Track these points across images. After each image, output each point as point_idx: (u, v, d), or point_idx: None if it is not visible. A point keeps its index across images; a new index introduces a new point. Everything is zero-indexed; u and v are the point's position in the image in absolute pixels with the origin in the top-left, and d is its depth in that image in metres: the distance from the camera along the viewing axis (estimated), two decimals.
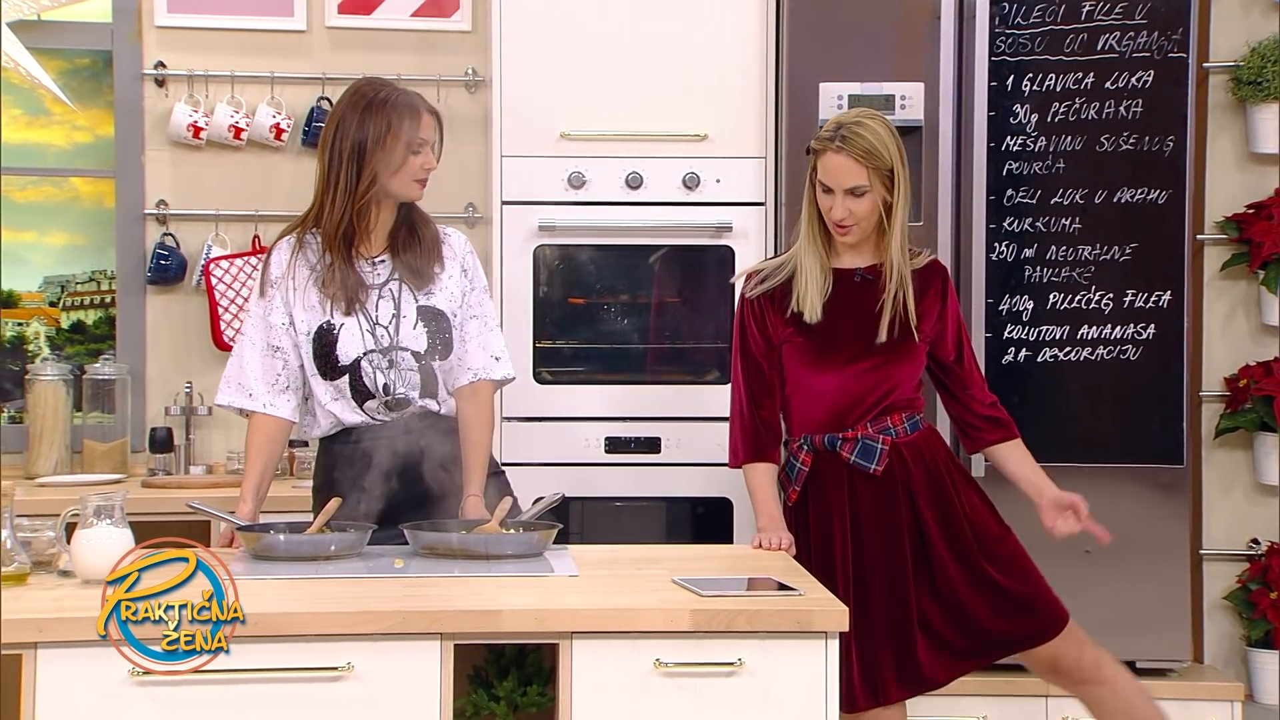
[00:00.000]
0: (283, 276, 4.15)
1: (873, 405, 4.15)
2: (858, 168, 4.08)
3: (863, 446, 4.14)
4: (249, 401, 4.15)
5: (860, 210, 4.11)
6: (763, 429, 4.24)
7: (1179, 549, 5.14)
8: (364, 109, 4.10)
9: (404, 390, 4.13)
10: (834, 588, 4.03)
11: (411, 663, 3.30)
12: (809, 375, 4.18)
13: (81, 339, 5.78)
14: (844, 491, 4.15)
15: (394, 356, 4.13)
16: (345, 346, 4.11)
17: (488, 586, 3.56)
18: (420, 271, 4.15)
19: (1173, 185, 5.11)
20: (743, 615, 3.35)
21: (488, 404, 4.22)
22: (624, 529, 5.07)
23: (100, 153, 5.72)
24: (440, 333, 4.16)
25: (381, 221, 4.15)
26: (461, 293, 4.21)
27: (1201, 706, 5.07)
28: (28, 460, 5.47)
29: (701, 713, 3.34)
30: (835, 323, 4.15)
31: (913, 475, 4.15)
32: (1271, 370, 5.35)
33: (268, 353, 4.16)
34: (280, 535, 3.88)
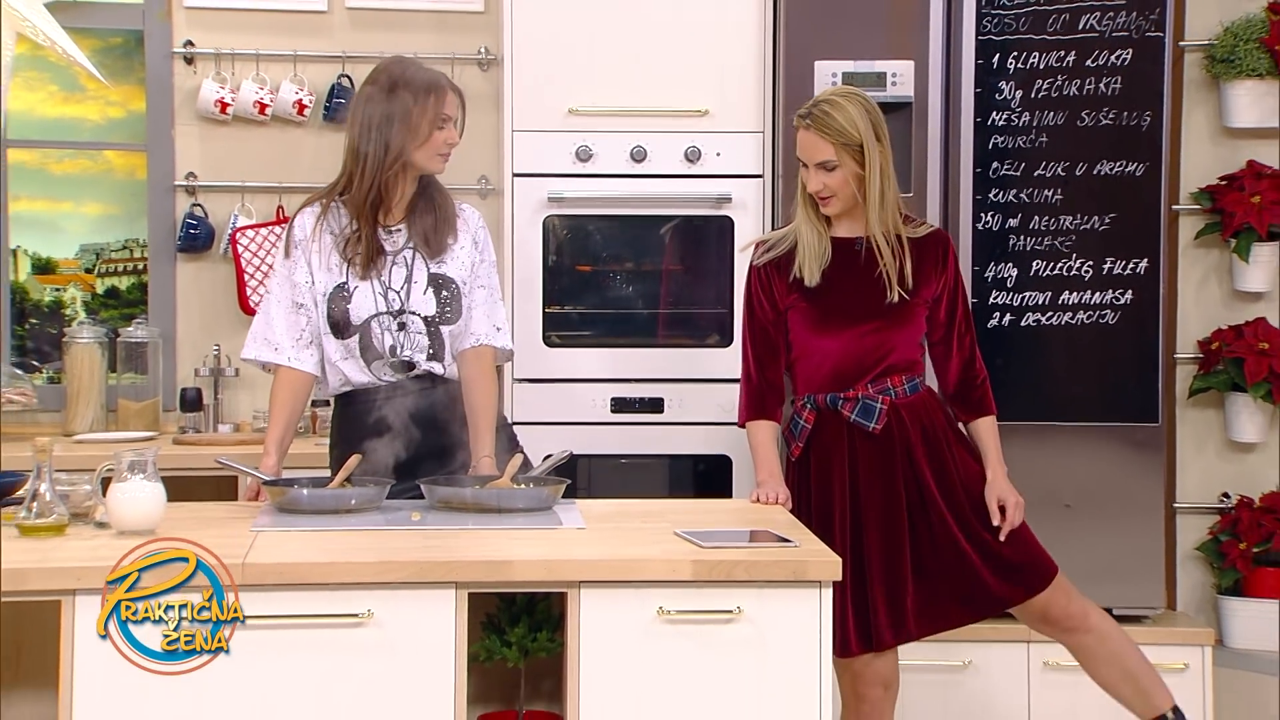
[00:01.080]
0: (307, 239, 4.15)
1: (872, 366, 4.15)
2: (825, 143, 4.12)
3: (863, 406, 4.14)
4: (275, 355, 4.16)
5: (833, 183, 4.13)
6: (767, 390, 4.26)
7: (1154, 502, 5.15)
8: (390, 86, 4.11)
9: (410, 353, 4.13)
10: (832, 539, 4.04)
11: (428, 610, 3.30)
12: (813, 339, 4.18)
13: (115, 304, 5.78)
14: (844, 448, 4.16)
15: (404, 319, 4.13)
16: (357, 307, 4.11)
17: (500, 538, 3.56)
18: (434, 241, 4.15)
19: (1150, 158, 5.10)
20: (741, 565, 3.36)
21: (490, 368, 4.22)
22: (629, 484, 5.08)
23: (132, 127, 5.71)
24: (449, 299, 4.16)
25: (404, 193, 4.15)
26: (472, 263, 4.21)
27: (1174, 651, 5.07)
28: (65, 418, 5.48)
29: (702, 657, 3.35)
30: (837, 289, 4.16)
31: (910, 435, 4.16)
32: (1242, 334, 5.35)
33: (292, 309, 4.16)
34: (304, 490, 3.88)
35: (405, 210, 4.16)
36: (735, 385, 5.11)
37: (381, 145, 4.08)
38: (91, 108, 5.77)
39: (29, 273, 5.79)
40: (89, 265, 5.82)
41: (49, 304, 5.81)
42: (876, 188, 4.12)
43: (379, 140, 4.08)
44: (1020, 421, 4.32)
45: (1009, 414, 4.45)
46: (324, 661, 3.29)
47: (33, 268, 5.80)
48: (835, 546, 3.95)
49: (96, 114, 5.78)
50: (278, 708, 3.28)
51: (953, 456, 4.20)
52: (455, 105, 4.15)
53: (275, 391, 4.18)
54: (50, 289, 5.82)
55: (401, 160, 4.08)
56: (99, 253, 5.82)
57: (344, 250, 4.11)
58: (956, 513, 4.16)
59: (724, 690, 3.35)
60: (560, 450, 4.18)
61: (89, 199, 5.81)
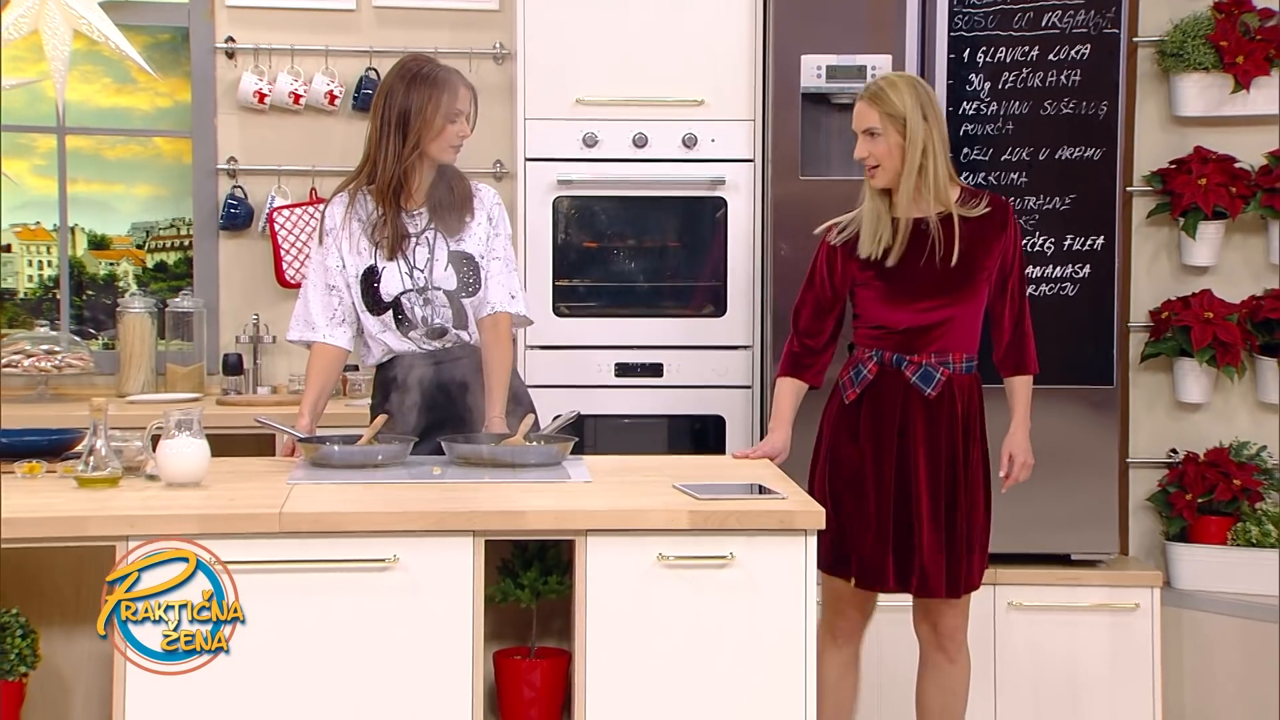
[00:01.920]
0: (337, 228, 4.17)
1: (937, 338, 4.12)
2: (872, 112, 4.09)
3: (924, 371, 4.12)
4: (312, 334, 4.18)
5: (877, 151, 4.10)
6: (805, 353, 4.25)
7: (1109, 458, 5.14)
8: (410, 81, 4.10)
9: (440, 321, 4.13)
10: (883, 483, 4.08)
11: (448, 556, 3.31)
12: (883, 311, 4.14)
13: (164, 277, 5.78)
14: (899, 404, 4.12)
15: (429, 295, 4.14)
16: (387, 286, 4.12)
17: (514, 491, 3.57)
18: (452, 222, 4.16)
19: (1106, 144, 5.08)
20: (734, 515, 3.36)
21: (506, 334, 4.22)
22: (631, 442, 5.07)
23: (179, 116, 5.70)
24: (468, 274, 4.16)
25: (422, 180, 4.15)
26: (487, 238, 4.21)
27: (1127, 592, 5.08)
28: (118, 381, 5.48)
29: (698, 599, 3.35)
30: (905, 267, 4.11)
31: (958, 408, 4.13)
32: (1189, 304, 5.34)
33: (326, 291, 4.17)
34: (335, 446, 3.89)
35: (425, 195, 4.16)
36: (729, 352, 5.18)
37: (400, 137, 4.08)
38: (142, 98, 5.76)
39: (86, 248, 5.79)
40: (140, 242, 5.81)
41: (104, 277, 5.80)
42: (915, 160, 4.06)
43: (399, 132, 4.08)
44: (988, 385, 4.30)
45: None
46: (354, 602, 3.29)
47: (89, 244, 5.80)
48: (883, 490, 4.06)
49: (146, 104, 5.77)
50: (313, 644, 3.28)
51: (970, 440, 4.16)
52: (467, 100, 4.15)
53: (311, 363, 4.20)
54: (105, 263, 5.82)
55: (419, 151, 4.08)
56: (149, 230, 5.82)
57: (371, 235, 4.12)
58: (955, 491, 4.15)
59: (717, 628, 3.36)
60: (568, 411, 4.18)
61: (140, 181, 5.80)
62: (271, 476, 3.73)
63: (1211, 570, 5.21)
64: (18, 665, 3.28)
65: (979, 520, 4.18)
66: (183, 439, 3.57)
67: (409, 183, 4.13)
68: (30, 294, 5.77)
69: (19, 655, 3.29)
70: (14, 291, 5.76)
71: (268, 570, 3.27)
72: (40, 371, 5.36)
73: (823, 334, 4.24)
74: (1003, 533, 5.00)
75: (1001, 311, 4.21)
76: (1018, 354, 4.23)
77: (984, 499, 4.19)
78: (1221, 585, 5.19)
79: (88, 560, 3.41)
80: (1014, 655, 5.04)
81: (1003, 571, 5.04)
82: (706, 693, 3.35)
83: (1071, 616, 5.07)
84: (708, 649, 3.35)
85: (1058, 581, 5.07)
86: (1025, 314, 4.25)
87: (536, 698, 3.45)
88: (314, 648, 3.29)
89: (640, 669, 3.34)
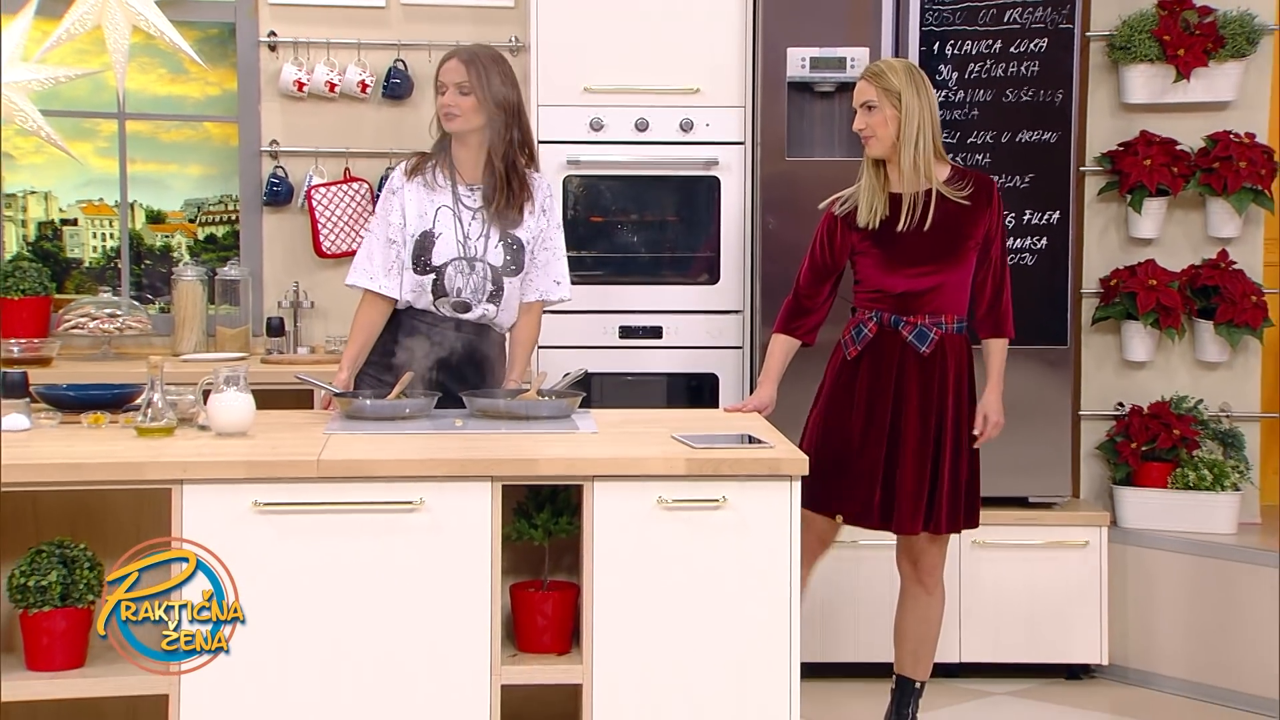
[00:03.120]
0: (402, 188, 4.09)
1: (929, 301, 4.10)
2: (870, 87, 4.08)
3: (919, 331, 4.10)
4: (369, 283, 4.09)
5: (874, 122, 4.08)
6: (801, 312, 4.23)
7: (1062, 410, 5.14)
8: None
9: (469, 295, 4.07)
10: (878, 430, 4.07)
11: (469, 499, 3.29)
12: (881, 277, 4.12)
13: (213, 248, 5.75)
14: (895, 361, 4.10)
15: (475, 265, 4.07)
16: (440, 250, 4.05)
17: (528, 441, 3.55)
18: (505, 220, 4.07)
19: (1061, 128, 5.08)
20: (726, 463, 3.35)
21: (538, 317, 4.21)
22: (633, 398, 5.06)
23: (226, 103, 5.67)
24: (515, 255, 4.09)
25: (464, 155, 4.09)
26: (540, 229, 4.13)
27: (1077, 530, 5.10)
28: (173, 341, 5.46)
29: (693, 538, 3.34)
30: (899, 236, 4.09)
31: (949, 365, 4.11)
32: (1135, 272, 5.32)
33: (387, 245, 4.09)
34: (367, 400, 3.87)
35: (482, 174, 4.08)
36: (723, 316, 5.16)
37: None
38: (193, 87, 5.73)
39: (144, 222, 5.77)
40: (192, 216, 5.79)
41: (160, 248, 5.78)
42: (911, 133, 4.04)
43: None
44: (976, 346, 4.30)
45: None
46: (384, 541, 3.28)
47: (146, 218, 5.78)
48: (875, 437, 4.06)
49: (197, 92, 5.74)
50: (349, 577, 3.27)
51: (960, 395, 4.14)
52: (452, 72, 4.03)
53: (359, 311, 4.12)
54: (161, 236, 5.80)
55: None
56: (200, 206, 5.79)
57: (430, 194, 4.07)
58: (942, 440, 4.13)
59: (711, 564, 3.34)
60: (577, 369, 4.16)
61: (192, 162, 5.77)
62: (310, 427, 3.71)
63: (1153, 511, 5.21)
64: (86, 594, 3.28)
65: (964, 468, 4.16)
66: (230, 393, 3.55)
67: (454, 157, 4.08)
68: (94, 263, 5.75)
69: (87, 585, 3.28)
70: (80, 261, 5.75)
71: (306, 512, 3.26)
72: (104, 333, 5.35)
73: (818, 296, 4.22)
74: None
75: (984, 279, 4.19)
76: (996, 318, 4.21)
77: (969, 449, 4.17)
78: (1162, 524, 5.18)
79: (146, 501, 3.39)
80: (978, 588, 5.05)
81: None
82: (701, 621, 3.34)
83: (1028, 553, 5.07)
84: (702, 583, 3.34)
85: (1016, 522, 5.07)
86: (1005, 282, 4.22)
87: (549, 625, 3.45)
88: (348, 582, 3.27)
89: (641, 600, 3.33)
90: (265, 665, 3.24)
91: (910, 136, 4.05)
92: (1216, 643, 5.01)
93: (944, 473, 4.10)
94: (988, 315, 4.20)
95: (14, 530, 3.47)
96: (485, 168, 4.08)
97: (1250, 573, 4.95)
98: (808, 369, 4.37)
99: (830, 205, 4.22)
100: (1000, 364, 4.22)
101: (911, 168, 4.07)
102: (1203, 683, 5.03)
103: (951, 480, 4.12)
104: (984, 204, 4.14)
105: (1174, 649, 5.10)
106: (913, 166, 4.07)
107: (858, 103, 4.12)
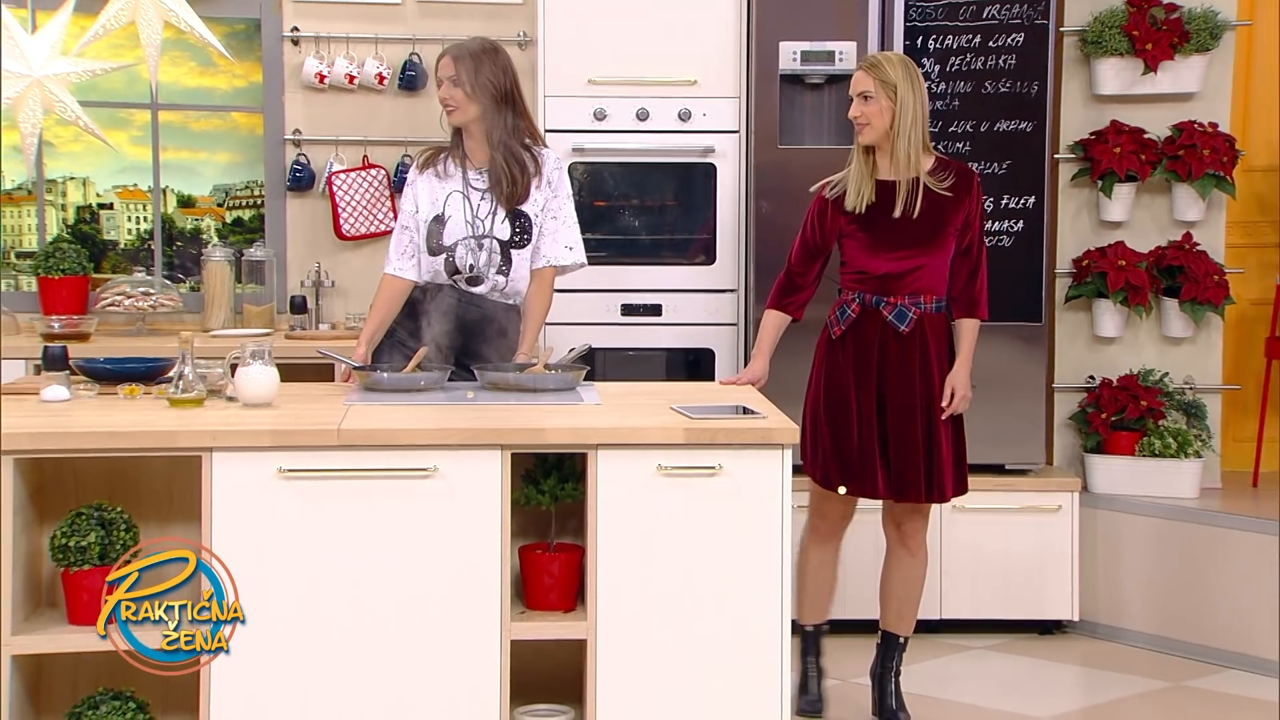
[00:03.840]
0: (415, 180, 4.12)
1: (910, 283, 4.08)
2: (865, 77, 4.05)
3: (899, 311, 4.08)
4: (386, 267, 4.13)
5: (869, 111, 4.05)
6: (792, 289, 4.21)
7: (1037, 383, 5.14)
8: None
9: (480, 269, 4.06)
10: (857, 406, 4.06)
11: (480, 466, 3.29)
12: (863, 259, 4.10)
13: (240, 231, 5.74)
14: (876, 339, 4.09)
15: (484, 242, 4.07)
16: (450, 231, 4.06)
17: (535, 411, 3.54)
18: (510, 198, 4.06)
19: (1037, 118, 5.07)
20: (722, 432, 3.34)
21: (548, 285, 4.16)
22: (634, 371, 5.06)
23: (252, 94, 5.65)
24: (522, 229, 4.09)
25: (471, 144, 4.09)
26: (545, 200, 4.11)
27: (1051, 495, 5.10)
28: (203, 318, 5.46)
29: (691, 503, 3.33)
30: (882, 222, 4.07)
31: (929, 343, 4.10)
32: (1105, 253, 5.31)
33: (401, 231, 4.13)
34: (384, 373, 3.86)
35: (487, 160, 4.07)
36: (718, 294, 5.15)
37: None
38: (221, 79, 5.71)
39: (175, 206, 5.76)
40: (220, 201, 5.77)
41: (190, 230, 5.77)
42: (905, 123, 4.02)
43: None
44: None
45: None
46: (400, 505, 3.28)
47: (178, 202, 5.76)
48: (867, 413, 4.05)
49: (225, 84, 5.72)
50: (367, 539, 3.27)
51: (941, 370, 4.12)
52: (443, 67, 4.06)
53: (379, 292, 4.14)
54: (191, 219, 5.78)
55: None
56: (228, 191, 5.78)
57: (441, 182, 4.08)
58: (929, 413, 4.12)
59: (707, 527, 3.34)
60: (581, 344, 4.16)
61: (220, 149, 5.75)
62: (331, 399, 3.71)
63: (1122, 477, 5.21)
64: (122, 553, 3.28)
65: (956, 438, 4.14)
66: (257, 366, 3.54)
67: (464, 145, 4.10)
68: (129, 245, 5.74)
69: (123, 546, 3.28)
70: (116, 243, 5.74)
71: (328, 478, 3.25)
72: (138, 310, 5.35)
73: (809, 274, 4.20)
74: None
75: (961, 263, 4.16)
76: (970, 299, 4.18)
77: (952, 422, 4.15)
78: (1130, 490, 5.18)
79: (178, 467, 3.39)
80: (957, 549, 5.05)
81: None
82: (698, 580, 3.34)
83: (1004, 517, 5.07)
84: (699, 544, 3.33)
85: (993, 487, 5.07)
86: (981, 267, 4.18)
87: (555, 584, 3.44)
88: (366, 544, 3.27)
89: (642, 561, 3.33)
90: (289, 622, 3.24)
91: (904, 128, 4.03)
92: (1180, 599, 5.01)
93: (942, 444, 4.09)
94: (962, 295, 4.18)
95: (55, 494, 3.47)
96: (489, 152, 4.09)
97: (1211, 534, 4.95)
98: (798, 346, 4.36)
99: (821, 188, 4.20)
100: (971, 342, 4.18)
101: (904, 157, 4.05)
102: (1167, 636, 5.04)
103: (953, 450, 4.12)
104: (964, 192, 4.11)
105: (1140, 605, 5.10)
106: (905, 156, 4.05)
107: (854, 91, 4.09)
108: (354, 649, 3.27)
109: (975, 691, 4.61)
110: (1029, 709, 4.46)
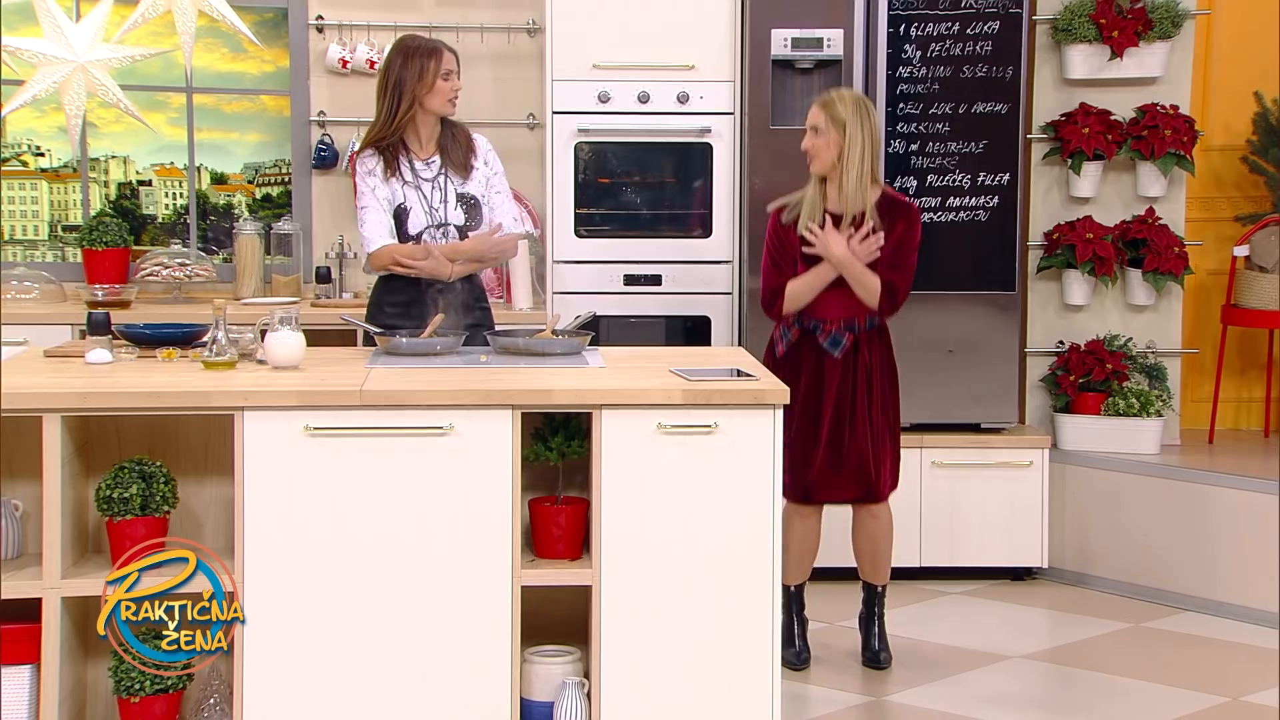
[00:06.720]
0: (376, 175, 4.05)
1: (844, 310, 4.08)
2: (818, 112, 4.07)
3: (832, 338, 4.11)
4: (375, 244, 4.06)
5: (818, 144, 4.06)
6: (777, 285, 4.14)
7: (1011, 348, 5.13)
8: (406, 55, 4.03)
9: None
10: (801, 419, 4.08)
11: (493, 424, 3.28)
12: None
13: (269, 206, 5.72)
14: (814, 360, 4.12)
15: (445, 230, 4.06)
16: (413, 222, 4.06)
17: (544, 374, 3.54)
18: (460, 165, 4.06)
19: (1011, 101, 5.05)
20: (718, 393, 3.33)
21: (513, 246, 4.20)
22: (636, 337, 5.05)
23: (280, 79, 5.62)
24: (473, 211, 4.10)
25: (426, 133, 4.06)
26: (486, 179, 4.12)
27: (1023, 453, 5.10)
28: (235, 287, 5.45)
29: (689, 459, 3.33)
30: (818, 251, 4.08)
31: (865, 358, 4.11)
32: (1075, 227, 5.29)
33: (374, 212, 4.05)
34: (403, 339, 3.85)
35: (435, 147, 4.07)
36: (714, 265, 5.15)
37: (395, 102, 4.00)
38: (251, 64, 5.68)
39: (209, 183, 5.74)
40: (250, 178, 5.75)
41: (223, 206, 5.75)
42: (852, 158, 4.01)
43: (394, 99, 4.00)
44: (919, 291, 4.28)
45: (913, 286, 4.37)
46: (418, 460, 3.27)
47: (211, 179, 5.74)
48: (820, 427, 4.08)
49: (255, 69, 5.69)
50: (387, 492, 3.27)
51: (883, 382, 4.14)
52: (453, 61, 4.05)
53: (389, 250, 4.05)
54: (224, 195, 5.77)
55: (413, 110, 4.00)
56: (258, 169, 5.75)
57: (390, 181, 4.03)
58: (873, 422, 4.12)
59: (703, 481, 3.33)
60: (586, 312, 4.14)
61: (250, 130, 5.73)
62: (353, 363, 3.70)
63: (1089, 435, 5.21)
64: (162, 505, 3.29)
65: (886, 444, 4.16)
66: (285, 332, 3.53)
67: (418, 135, 4.05)
68: (166, 219, 5.72)
69: (163, 497, 3.29)
70: (154, 217, 5.72)
71: (350, 435, 3.25)
72: (174, 280, 5.34)
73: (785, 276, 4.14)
74: (927, 408, 5.04)
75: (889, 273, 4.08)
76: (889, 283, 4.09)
77: (890, 429, 4.17)
78: (1096, 447, 5.18)
79: (213, 425, 3.39)
80: (935, 503, 5.05)
81: (927, 437, 5.04)
82: (695, 531, 3.33)
83: (980, 472, 5.07)
84: (696, 497, 3.33)
85: (969, 445, 5.07)
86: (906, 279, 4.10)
87: (562, 535, 3.44)
88: (387, 496, 3.27)
89: (643, 514, 3.33)
90: (318, 568, 3.25)
91: (851, 161, 4.02)
92: (1141, 548, 5.02)
93: (885, 450, 4.14)
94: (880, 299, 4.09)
95: (100, 450, 3.47)
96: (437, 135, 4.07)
97: (1171, 487, 4.95)
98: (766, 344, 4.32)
99: (778, 210, 4.19)
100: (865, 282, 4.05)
101: (852, 190, 4.04)
102: (1130, 582, 5.05)
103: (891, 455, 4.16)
104: (894, 224, 4.07)
105: (1105, 553, 5.11)
106: (853, 189, 4.04)
107: (808, 124, 4.09)
108: (373, 593, 3.27)
109: (953, 633, 4.62)
110: (1002, 648, 4.48)
